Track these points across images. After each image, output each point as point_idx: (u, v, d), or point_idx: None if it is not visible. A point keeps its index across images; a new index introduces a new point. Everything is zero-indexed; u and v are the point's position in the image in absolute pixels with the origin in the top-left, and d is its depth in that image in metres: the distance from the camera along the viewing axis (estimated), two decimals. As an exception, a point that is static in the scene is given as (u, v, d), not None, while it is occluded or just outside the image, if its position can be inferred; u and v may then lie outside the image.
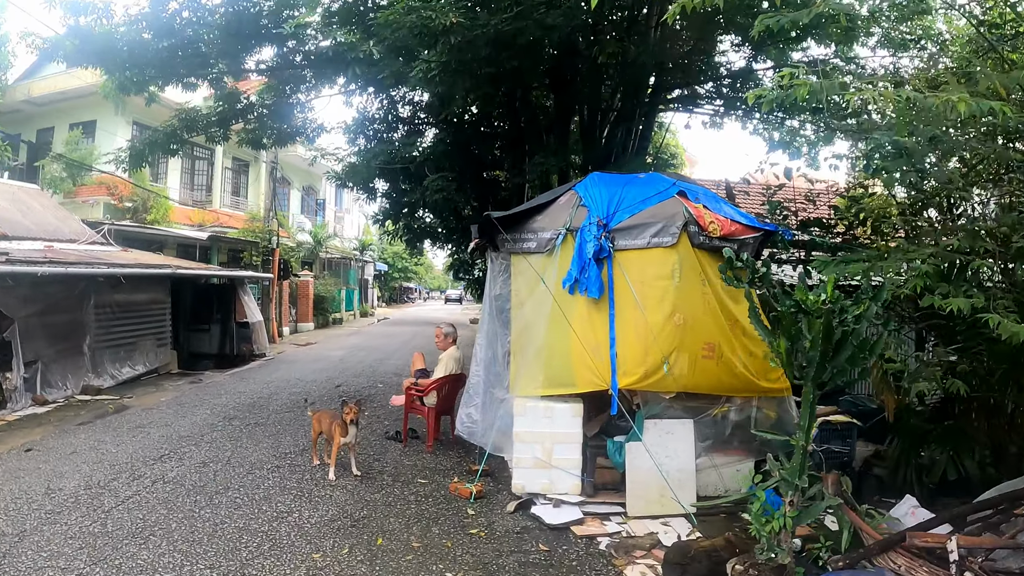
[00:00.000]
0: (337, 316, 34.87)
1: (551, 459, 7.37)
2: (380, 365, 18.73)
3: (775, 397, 7.73)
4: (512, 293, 8.03)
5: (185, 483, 7.74)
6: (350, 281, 41.23)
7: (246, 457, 8.90)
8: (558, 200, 8.17)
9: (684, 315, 7.30)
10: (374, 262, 49.50)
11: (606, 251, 7.42)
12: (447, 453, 9.31)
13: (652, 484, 7.00)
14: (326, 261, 36.99)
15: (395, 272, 58.34)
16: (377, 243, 49.10)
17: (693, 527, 6.66)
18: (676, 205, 7.70)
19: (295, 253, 29.35)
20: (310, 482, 7.90)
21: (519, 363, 7.77)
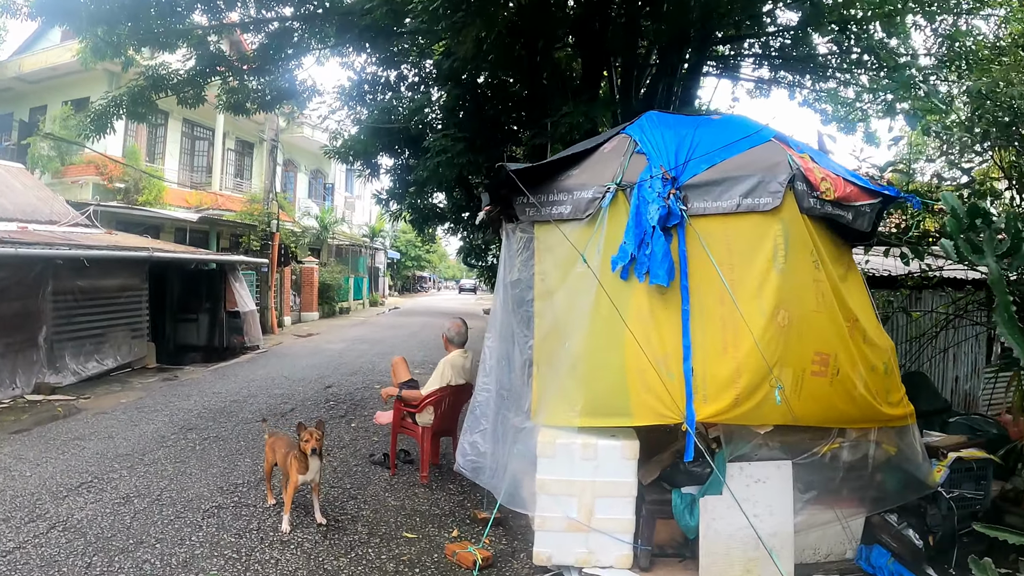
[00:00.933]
0: (344, 305, 32.40)
1: (591, 519, 4.93)
2: (381, 361, 16.26)
3: (895, 427, 5.28)
4: (536, 278, 5.50)
5: (88, 532, 5.52)
6: (359, 269, 38.62)
7: (185, 489, 6.58)
8: (602, 147, 5.66)
9: (789, 312, 4.82)
10: (385, 250, 46.95)
11: (677, 216, 4.92)
12: (446, 487, 6.90)
13: (736, 555, 4.79)
14: (334, 248, 34.58)
15: (408, 260, 55.56)
16: (389, 230, 46.78)
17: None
18: (776, 152, 5.22)
19: (300, 239, 26.98)
20: (255, 535, 5.54)
21: (546, 379, 5.26)
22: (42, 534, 5.45)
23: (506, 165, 5.33)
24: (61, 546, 5.25)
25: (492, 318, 6.04)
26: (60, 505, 6.09)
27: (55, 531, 5.51)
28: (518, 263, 5.80)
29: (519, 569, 5.13)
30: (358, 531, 5.71)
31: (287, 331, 23.08)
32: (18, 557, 5.05)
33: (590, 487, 4.92)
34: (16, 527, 5.58)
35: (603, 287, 4.96)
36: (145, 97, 11.55)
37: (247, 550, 5.25)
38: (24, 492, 6.39)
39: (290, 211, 27.29)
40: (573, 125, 8.46)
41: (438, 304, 46.31)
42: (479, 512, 6.03)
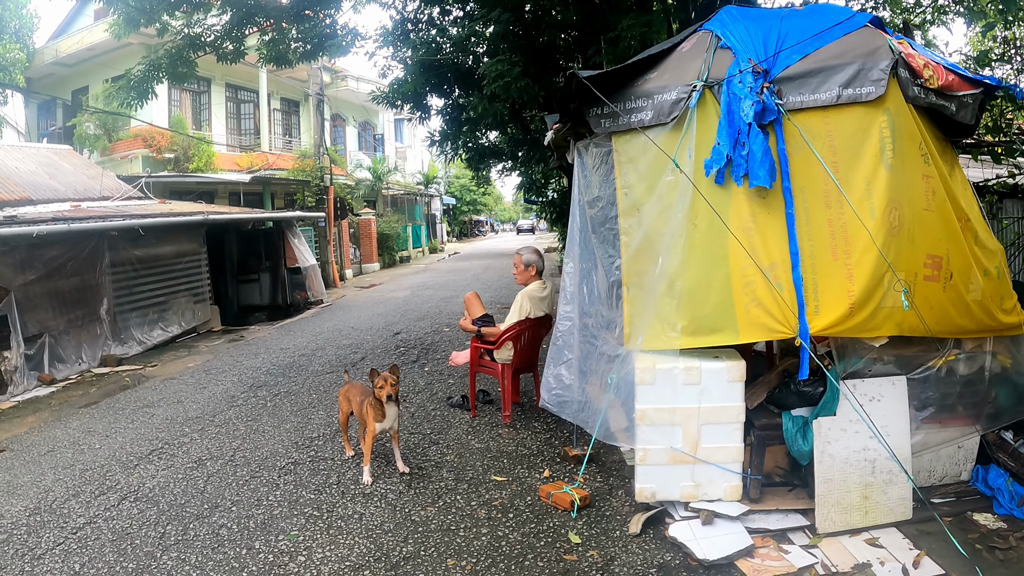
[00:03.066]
0: (404, 254, 32.27)
1: (696, 450, 4.51)
2: (447, 305, 16.04)
3: (1010, 335, 4.80)
4: (619, 193, 5.00)
5: (161, 500, 5.27)
6: (416, 217, 38.40)
7: (259, 447, 6.36)
8: (680, 47, 5.07)
9: (900, 212, 4.32)
10: (440, 196, 46.60)
11: (773, 111, 4.36)
12: (530, 426, 6.56)
13: (852, 482, 4.34)
14: (389, 198, 34.29)
15: (463, 205, 55.05)
16: (443, 176, 46.37)
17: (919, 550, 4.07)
18: (874, 37, 4.66)
19: (354, 191, 26.70)
20: (335, 490, 5.27)
21: (638, 301, 4.82)
22: (113, 506, 5.25)
23: (577, 72, 4.83)
24: (133, 517, 5.04)
25: (570, 242, 5.56)
26: (131, 475, 5.90)
27: (126, 502, 5.30)
28: (595, 180, 5.33)
29: (618, 507, 4.79)
30: (443, 477, 5.41)
31: (349, 284, 23.01)
32: (88, 533, 4.84)
33: (695, 414, 4.50)
34: (86, 502, 5.39)
35: (701, 194, 4.47)
36: (183, 57, 11.14)
37: (328, 506, 5.00)
38: (94, 465, 6.21)
39: (342, 164, 26.98)
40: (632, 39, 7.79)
41: (497, 246, 45.96)
42: (570, 449, 5.67)
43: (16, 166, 15.10)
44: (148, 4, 10.26)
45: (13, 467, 6.31)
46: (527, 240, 58.80)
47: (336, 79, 26.58)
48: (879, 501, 4.37)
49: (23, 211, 12.18)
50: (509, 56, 9.05)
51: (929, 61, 4.65)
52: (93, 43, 21.21)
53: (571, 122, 5.42)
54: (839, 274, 4.31)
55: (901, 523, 4.35)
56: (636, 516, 4.55)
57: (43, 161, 16.34)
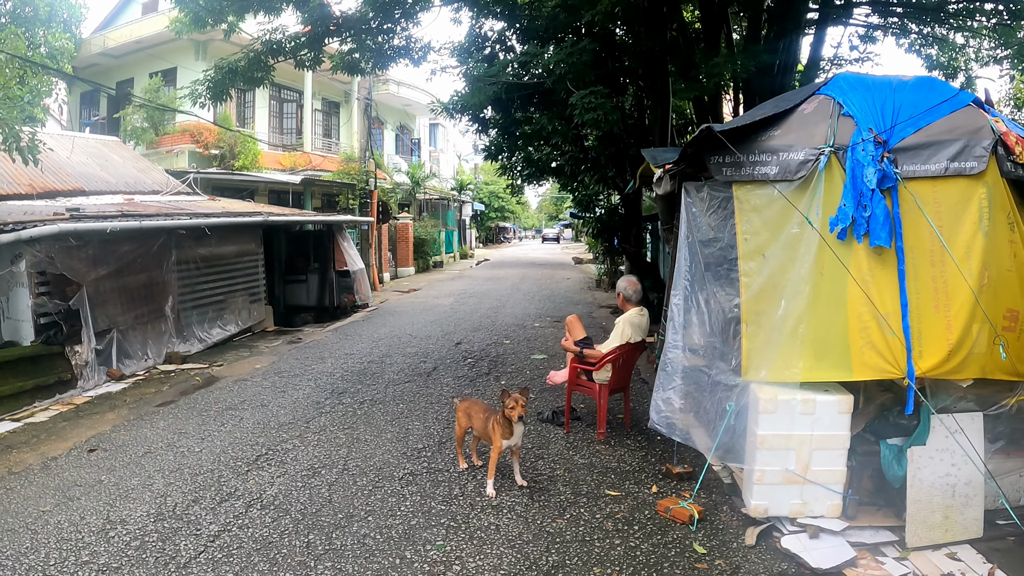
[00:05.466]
0: (438, 259, 33.19)
1: (807, 472, 5.32)
2: (496, 315, 16.82)
3: None
4: (740, 238, 5.77)
5: (291, 508, 5.74)
6: (448, 222, 39.38)
7: (368, 457, 6.96)
8: (801, 107, 5.89)
9: (989, 272, 5.27)
10: (472, 202, 47.47)
11: (892, 179, 5.22)
12: (624, 443, 7.29)
13: (936, 502, 5.18)
14: (424, 203, 35.14)
15: (491, 212, 56.11)
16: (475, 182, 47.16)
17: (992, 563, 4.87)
18: (977, 117, 5.57)
19: (392, 195, 27.57)
20: (463, 501, 5.92)
21: (757, 337, 5.60)
22: (242, 514, 5.61)
23: (712, 125, 5.63)
24: (268, 525, 5.41)
25: (676, 276, 6.27)
26: (246, 481, 6.30)
27: (254, 510, 5.69)
28: (710, 221, 6.06)
29: (727, 521, 5.50)
30: (560, 491, 6.09)
31: (388, 288, 23.89)
32: (228, 541, 5.16)
33: (808, 440, 5.30)
34: (211, 508, 5.73)
35: (831, 249, 5.29)
36: (262, 63, 11.83)
37: (462, 517, 5.61)
38: (202, 469, 6.61)
39: (383, 167, 27.70)
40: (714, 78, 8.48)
41: (526, 254, 46.73)
42: (673, 467, 6.40)
43: (67, 156, 15.82)
44: (217, 4, 10.95)
45: (115, 468, 6.67)
46: (552, 248, 59.54)
47: (378, 83, 27.32)
48: (957, 520, 5.18)
49: (77, 201, 12.90)
50: (601, 88, 9.66)
51: (1019, 137, 5.53)
52: (141, 36, 22.24)
53: (685, 164, 6.04)
54: (940, 324, 5.18)
55: (974, 540, 5.16)
56: (750, 529, 5.28)
57: (93, 152, 17.10)
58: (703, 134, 5.59)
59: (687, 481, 6.21)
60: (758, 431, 5.28)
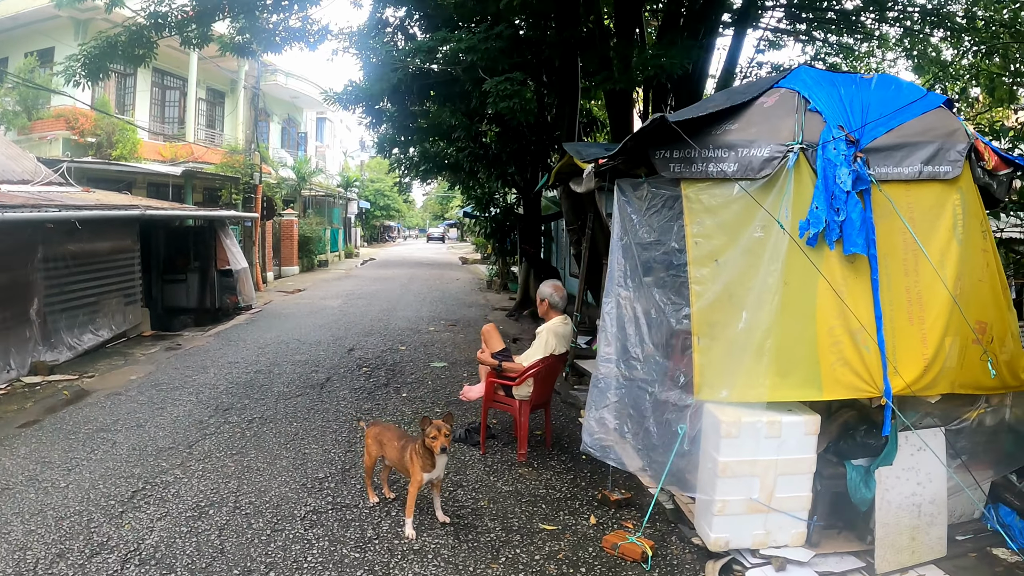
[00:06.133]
0: (323, 258, 31.63)
1: (771, 500, 4.69)
2: (389, 318, 15.78)
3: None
4: (690, 242, 5.05)
5: (176, 563, 4.57)
6: (334, 220, 37.70)
7: (263, 491, 5.82)
8: (759, 101, 5.22)
9: (963, 282, 4.86)
10: (358, 200, 45.87)
11: (865, 181, 4.67)
12: (548, 465, 6.51)
13: (904, 524, 4.77)
14: (309, 199, 33.50)
15: (377, 210, 54.46)
16: (361, 179, 45.69)
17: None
18: (950, 119, 5.17)
19: (278, 190, 25.93)
20: (379, 546, 4.93)
21: (714, 351, 4.91)
22: (117, 572, 4.45)
23: (666, 115, 4.89)
24: None
25: (609, 281, 5.53)
26: (120, 526, 5.09)
27: (131, 566, 4.52)
28: (652, 223, 5.35)
29: (681, 555, 4.84)
30: (488, 527, 5.26)
31: (272, 288, 22.38)
32: None
33: (773, 466, 4.69)
34: (80, 565, 4.53)
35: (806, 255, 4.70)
36: (145, 38, 10.49)
37: (382, 567, 4.62)
38: (69, 511, 5.36)
39: (271, 163, 26.11)
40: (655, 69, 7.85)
41: (413, 254, 45.68)
42: (609, 493, 5.68)
43: (-77, 140, 13.73)
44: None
45: (-41, 510, 5.32)
46: (438, 248, 58.56)
47: (266, 73, 25.75)
48: (923, 541, 4.79)
49: (-68, 191, 11.21)
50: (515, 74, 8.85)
51: (986, 145, 5.20)
52: (17, 12, 19.94)
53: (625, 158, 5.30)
54: (914, 337, 4.72)
55: (939, 560, 4.80)
56: (710, 564, 4.65)
57: (-45, 137, 14.94)
58: (652, 125, 4.85)
59: (627, 509, 5.50)
60: (719, 458, 4.59)
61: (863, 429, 4.92)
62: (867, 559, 4.73)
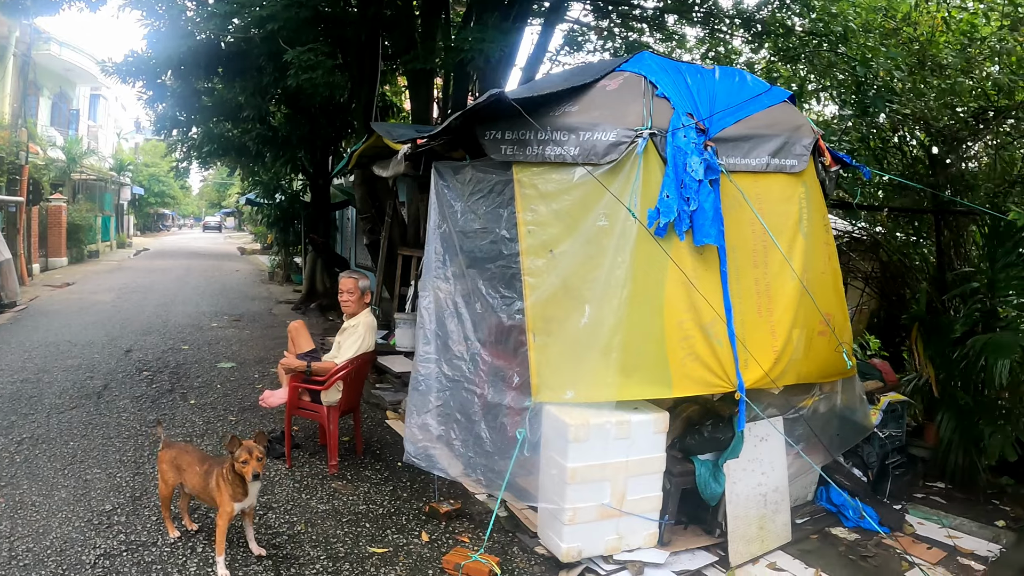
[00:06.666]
0: (94, 248, 28.27)
1: (623, 503, 4.40)
2: (167, 314, 14.24)
3: (847, 377, 5.48)
4: (522, 230, 4.58)
5: None
6: (106, 207, 33.94)
7: (43, 532, 4.66)
8: (601, 84, 4.85)
9: (808, 275, 4.84)
10: (131, 185, 41.84)
11: (715, 171, 4.45)
12: (364, 476, 5.87)
13: (753, 514, 4.76)
14: (79, 183, 29.99)
15: (151, 197, 49.92)
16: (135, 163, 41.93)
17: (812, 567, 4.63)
18: (796, 114, 5.22)
19: (46, 173, 22.80)
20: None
21: (552, 349, 4.50)
22: None
23: (506, 93, 4.42)
24: None
25: (425, 273, 5.05)
26: None
27: None
28: (478, 210, 4.91)
29: (528, 567, 4.44)
30: (312, 556, 4.53)
31: (38, 281, 19.54)
32: None
33: (624, 468, 4.40)
34: None
35: (647, 246, 4.41)
36: None
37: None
38: None
39: (40, 143, 22.99)
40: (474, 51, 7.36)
41: (189, 244, 42.61)
42: (438, 505, 5.13)
43: None
44: None
45: None
46: (215, 238, 55.24)
47: (39, 41, 22.65)
48: (770, 529, 4.80)
49: None
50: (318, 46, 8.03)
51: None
52: None
53: (448, 138, 4.78)
54: (763, 330, 4.61)
55: (785, 546, 4.86)
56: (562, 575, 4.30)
57: None
58: (488, 101, 4.33)
59: (458, 520, 5.00)
60: (568, 464, 4.20)
61: (709, 424, 4.74)
62: (718, 552, 4.63)
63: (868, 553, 4.85)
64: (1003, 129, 7.35)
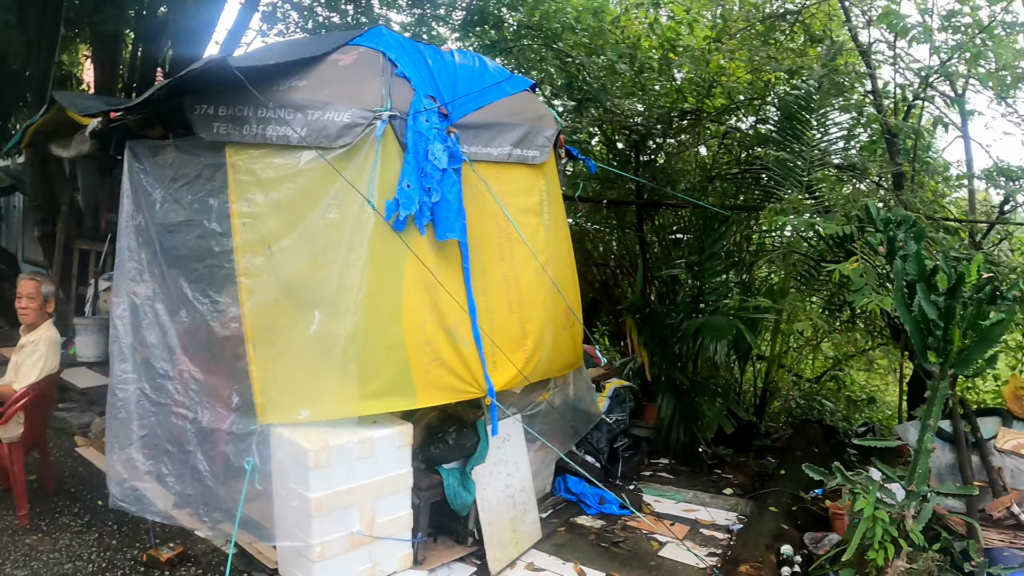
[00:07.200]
0: None
1: (373, 528, 3.88)
2: None
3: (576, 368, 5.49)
4: (236, 223, 3.86)
5: None
6: None
7: None
8: (332, 57, 4.18)
9: (553, 269, 4.70)
10: None
11: (458, 160, 4.04)
12: (62, 525, 4.70)
13: (505, 518, 4.53)
14: None
15: None
16: None
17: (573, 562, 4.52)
18: (538, 104, 5.06)
19: None
20: None
21: (278, 362, 3.84)
22: None
23: (228, 57, 3.71)
24: None
25: (118, 276, 4.18)
26: None
27: None
28: (185, 199, 4.11)
29: None
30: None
31: None
32: None
33: (371, 490, 3.88)
34: None
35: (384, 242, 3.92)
36: None
37: None
38: None
39: None
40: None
41: None
42: (159, 552, 4.21)
43: None
44: None
45: None
46: None
47: None
48: (523, 529, 4.61)
49: None
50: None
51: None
52: None
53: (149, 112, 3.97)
54: (513, 328, 4.40)
55: (538, 543, 4.70)
56: None
57: None
58: (206, 68, 3.54)
59: (183, 566, 4.17)
60: (311, 494, 3.59)
61: (453, 430, 4.38)
62: (474, 562, 4.39)
63: (618, 538, 4.85)
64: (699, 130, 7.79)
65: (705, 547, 4.81)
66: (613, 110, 7.12)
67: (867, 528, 3.33)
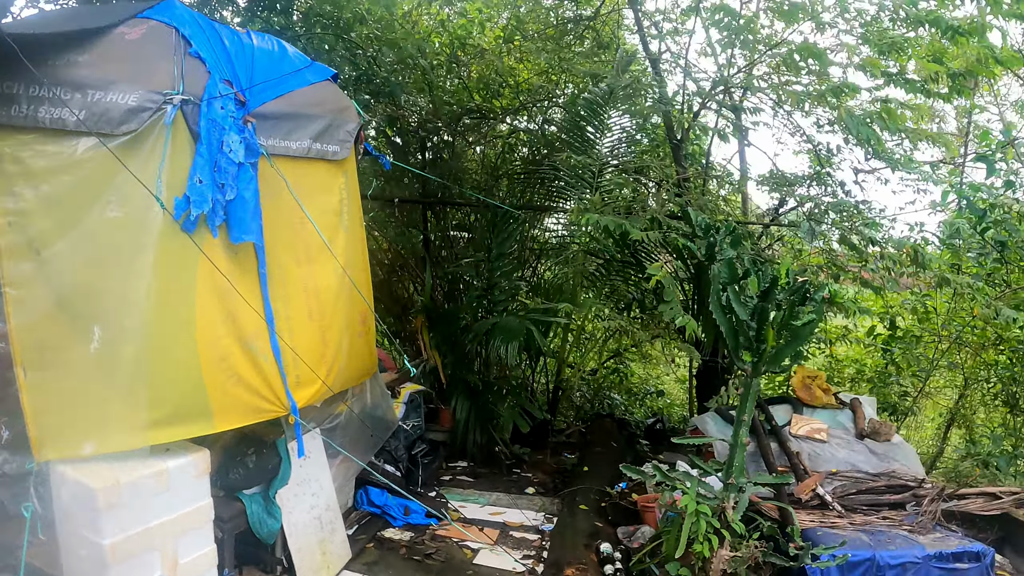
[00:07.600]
0: None
1: (176, 569, 3.39)
2: None
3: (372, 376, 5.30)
4: (0, 223, 3.16)
5: None
6: None
7: None
8: (118, 30, 3.49)
9: (351, 272, 4.42)
10: None
11: (255, 153, 3.60)
12: None
13: (313, 541, 4.30)
14: None
15: None
16: None
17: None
18: (340, 95, 4.57)
19: None
20: None
21: (54, 388, 3.21)
22: None
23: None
24: None
25: None
26: None
27: None
28: None
29: None
30: None
31: None
32: None
33: (170, 527, 3.37)
34: None
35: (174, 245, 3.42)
36: None
37: None
38: None
39: None
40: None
41: None
42: None
43: None
44: None
45: None
46: None
47: None
48: (332, 551, 4.40)
49: None
50: None
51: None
52: None
53: None
54: (314, 337, 4.10)
55: (349, 563, 4.49)
56: None
57: None
58: None
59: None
60: (105, 541, 3.05)
61: (252, 452, 3.99)
62: None
63: (429, 549, 4.73)
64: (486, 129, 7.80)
65: (518, 550, 4.79)
66: (407, 106, 6.92)
67: (692, 523, 3.39)
